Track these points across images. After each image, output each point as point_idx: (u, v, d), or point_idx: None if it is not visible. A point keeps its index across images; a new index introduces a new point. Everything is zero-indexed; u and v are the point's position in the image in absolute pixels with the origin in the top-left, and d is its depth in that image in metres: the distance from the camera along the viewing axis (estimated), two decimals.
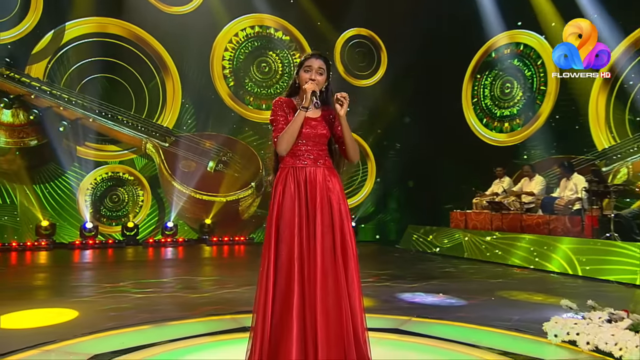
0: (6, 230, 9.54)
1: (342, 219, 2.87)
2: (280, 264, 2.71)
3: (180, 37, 10.84)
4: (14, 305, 4.52)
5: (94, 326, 3.81)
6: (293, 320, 2.62)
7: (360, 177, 12.27)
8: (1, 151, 9.74)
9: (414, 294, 5.38)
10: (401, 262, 8.22)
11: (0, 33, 9.70)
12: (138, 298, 5.02)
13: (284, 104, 2.87)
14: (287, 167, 2.82)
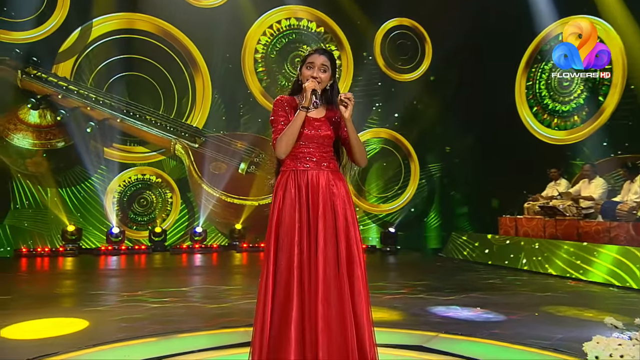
0: (32, 235, 9.96)
1: (348, 225, 2.86)
2: (279, 275, 2.73)
3: (210, 32, 11.04)
4: (24, 315, 4.71)
5: (100, 337, 3.93)
6: (291, 335, 2.64)
7: (402, 180, 12.16)
8: (28, 153, 10.17)
9: (448, 308, 5.29)
10: (442, 272, 8.10)
11: (27, 31, 10.12)
12: (153, 308, 5.14)
13: (285, 103, 2.89)
14: (288, 170, 2.83)
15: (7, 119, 10.09)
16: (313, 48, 2.92)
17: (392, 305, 5.36)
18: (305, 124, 2.80)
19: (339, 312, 2.70)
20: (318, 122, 2.83)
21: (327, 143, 2.86)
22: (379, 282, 6.91)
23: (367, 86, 11.97)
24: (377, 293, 6.06)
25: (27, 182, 10.11)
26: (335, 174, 2.88)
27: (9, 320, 4.49)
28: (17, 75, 10.13)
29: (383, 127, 12.12)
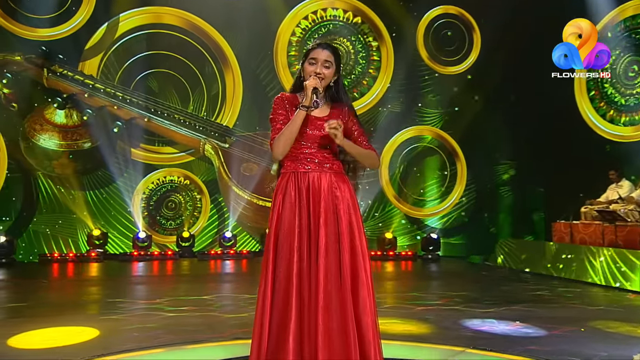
0: (57, 240, 10.33)
1: (352, 231, 2.87)
2: (278, 283, 2.76)
3: (241, 25, 11.20)
4: (36, 323, 4.89)
5: (107, 348, 4.05)
6: (289, 347, 2.66)
7: (447, 182, 12.03)
8: (54, 154, 10.55)
9: (484, 321, 5.22)
10: (485, 282, 8.00)
11: (53, 28, 10.51)
12: (169, 317, 5.26)
13: (285, 101, 2.92)
14: (288, 172, 2.86)
15: (33, 119, 10.50)
16: (316, 42, 2.95)
17: (423, 317, 5.32)
18: (307, 122, 2.82)
19: (341, 325, 2.71)
20: (321, 121, 2.84)
21: (330, 142, 2.88)
22: (412, 293, 6.87)
23: (409, 80, 11.90)
24: (409, 304, 6.02)
25: (53, 184, 10.49)
26: (338, 176, 2.89)
27: (19, 328, 4.68)
28: (43, 73, 10.53)
29: (426, 125, 12.02)
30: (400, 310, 5.75)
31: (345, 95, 3.00)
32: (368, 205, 11.60)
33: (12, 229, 10.02)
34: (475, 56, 12.22)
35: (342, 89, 2.99)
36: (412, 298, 6.47)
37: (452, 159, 12.12)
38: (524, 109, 11.15)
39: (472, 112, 12.01)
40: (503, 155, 11.88)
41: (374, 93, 11.88)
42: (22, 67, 10.46)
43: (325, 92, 2.95)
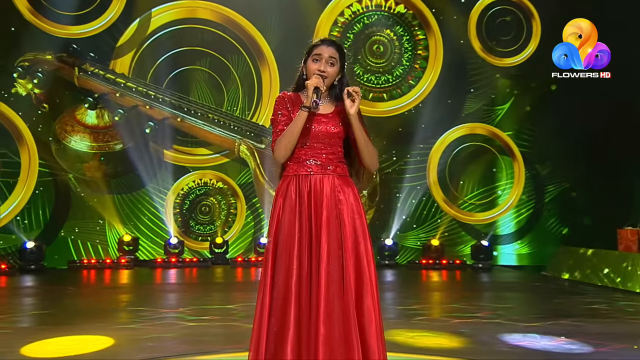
0: (87, 246, 10.74)
1: (357, 237, 2.93)
2: (276, 291, 2.84)
3: (278, 18, 11.39)
4: (53, 331, 5.15)
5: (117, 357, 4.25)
6: (286, 352, 2.75)
7: (503, 184, 11.87)
8: (85, 157, 10.97)
9: (525, 336, 5.19)
10: (537, 294, 7.93)
11: (84, 25, 10.94)
12: (188, 327, 5.44)
13: (287, 101, 3.00)
14: (290, 175, 2.93)
15: (64, 120, 10.96)
16: (320, 38, 3.03)
17: (458, 330, 5.32)
18: (311, 120, 2.90)
19: (343, 334, 2.76)
20: (326, 118, 2.92)
21: (335, 142, 2.94)
22: (452, 304, 6.86)
23: (460, 74, 11.82)
24: (445, 316, 6.04)
25: (83, 188, 10.90)
26: (342, 179, 2.95)
27: (35, 336, 4.93)
28: (74, 72, 10.97)
29: (480, 122, 11.91)
30: (435, 322, 5.76)
31: None
32: (412, 208, 11.56)
33: (41, 235, 10.47)
34: (534, 46, 12.02)
35: (347, 87, 3.06)
36: (450, 310, 6.48)
37: (508, 160, 11.96)
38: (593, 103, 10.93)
39: (532, 107, 11.83)
40: (566, 154, 11.63)
41: (422, 87, 11.84)
42: (53, 67, 10.93)
43: (330, 91, 3.03)
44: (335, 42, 3.01)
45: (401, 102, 11.85)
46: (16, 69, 10.59)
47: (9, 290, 8.11)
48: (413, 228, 11.55)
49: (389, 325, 5.43)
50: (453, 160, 11.81)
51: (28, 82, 10.70)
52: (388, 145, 11.66)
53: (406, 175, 11.67)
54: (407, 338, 5.01)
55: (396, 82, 11.87)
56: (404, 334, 5.16)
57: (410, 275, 9.81)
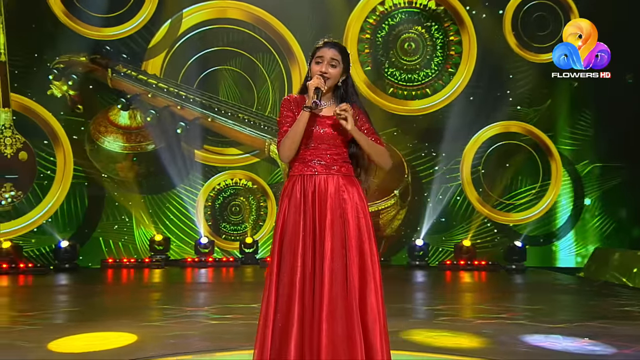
0: (119, 245, 11.09)
1: (361, 235, 3.06)
2: (281, 288, 2.98)
3: (308, 16, 11.55)
4: (79, 328, 5.41)
5: (138, 353, 4.46)
6: (289, 349, 2.88)
7: (540, 184, 11.80)
8: (118, 157, 11.32)
9: (547, 337, 5.24)
10: (570, 296, 7.94)
11: (116, 27, 11.28)
12: (211, 325, 5.65)
13: (292, 103, 3.14)
14: (295, 175, 3.08)
15: (98, 120, 11.32)
16: (323, 41, 3.17)
17: (480, 331, 5.39)
18: (315, 122, 3.04)
19: (346, 331, 2.88)
20: (330, 120, 3.06)
21: (339, 143, 3.07)
22: (478, 305, 6.91)
23: (495, 71, 11.80)
24: (469, 317, 6.10)
25: (117, 187, 11.25)
26: (347, 178, 3.08)
27: (62, 333, 5.20)
28: (107, 74, 11.33)
29: (515, 120, 11.87)
30: (457, 323, 5.84)
31: (355, 95, 3.18)
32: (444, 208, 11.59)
33: (75, 234, 10.85)
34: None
35: (352, 88, 3.18)
36: (475, 310, 6.55)
37: (545, 158, 11.89)
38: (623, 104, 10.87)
39: (571, 104, 11.76)
40: (608, 153, 11.53)
41: (455, 84, 11.86)
42: (86, 68, 11.30)
43: (334, 92, 3.16)
44: (338, 44, 3.13)
45: (434, 99, 11.88)
46: (51, 71, 10.99)
47: (43, 289, 8.45)
48: (444, 228, 11.59)
49: (410, 325, 5.57)
50: (487, 159, 11.80)
51: (63, 83, 11.09)
52: (420, 143, 11.73)
53: (438, 175, 11.71)
54: (426, 338, 5.11)
55: (428, 80, 11.92)
56: (424, 333, 5.26)
57: (440, 277, 9.86)
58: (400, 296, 7.59)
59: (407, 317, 6.15)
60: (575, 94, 11.69)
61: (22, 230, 10.58)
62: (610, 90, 10.89)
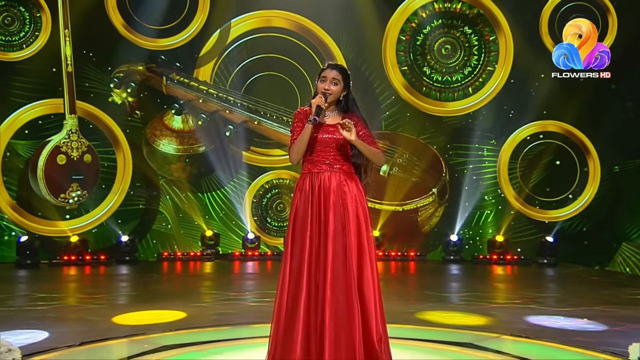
0: (173, 240, 12.10)
1: (359, 221, 3.87)
2: (294, 263, 3.81)
3: (348, 23, 12.31)
4: (138, 307, 6.39)
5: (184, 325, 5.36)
6: (299, 324, 3.68)
7: (577, 183, 12.18)
8: (172, 159, 12.34)
9: (550, 317, 5.89)
10: (587, 286, 8.42)
11: (170, 37, 12.30)
12: (250, 306, 6.54)
13: (302, 115, 3.96)
14: (305, 173, 3.91)
15: (153, 125, 12.36)
16: (327, 63, 3.98)
17: (489, 312, 6.10)
18: (321, 130, 3.86)
19: (345, 297, 3.69)
20: (333, 128, 3.87)
21: (341, 146, 3.88)
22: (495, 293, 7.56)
23: (530, 74, 12.25)
24: (484, 302, 6.77)
25: (171, 187, 12.27)
26: (347, 175, 3.89)
27: (123, 310, 6.20)
28: (162, 81, 12.36)
29: (552, 120, 12.30)
30: (471, 306, 6.54)
31: (355, 107, 3.99)
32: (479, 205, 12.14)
33: (135, 230, 11.92)
34: (611, 41, 12.27)
35: (352, 102, 3.98)
36: (491, 297, 7.20)
37: (583, 157, 12.28)
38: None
39: (611, 103, 12.06)
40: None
41: (492, 86, 12.39)
42: (143, 76, 12.34)
43: (337, 105, 3.96)
44: (339, 66, 3.93)
45: (471, 100, 12.44)
46: (112, 80, 12.07)
47: (107, 277, 9.52)
48: (479, 224, 12.16)
49: (427, 308, 6.31)
50: (524, 158, 12.28)
51: (123, 91, 12.16)
52: (457, 143, 12.31)
53: (475, 173, 12.28)
54: (437, 317, 5.84)
55: (466, 82, 12.51)
56: (437, 314, 6.00)
57: (472, 270, 10.42)
58: (426, 287, 8.31)
59: (426, 302, 6.87)
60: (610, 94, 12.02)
61: (87, 226, 11.65)
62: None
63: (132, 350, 4.38)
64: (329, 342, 3.59)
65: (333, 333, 3.61)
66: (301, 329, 3.68)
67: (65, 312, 6.27)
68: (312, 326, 3.67)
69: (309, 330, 3.67)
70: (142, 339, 4.79)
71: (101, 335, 4.95)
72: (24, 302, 7.02)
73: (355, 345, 3.63)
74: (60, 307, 6.55)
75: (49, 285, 8.36)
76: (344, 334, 3.64)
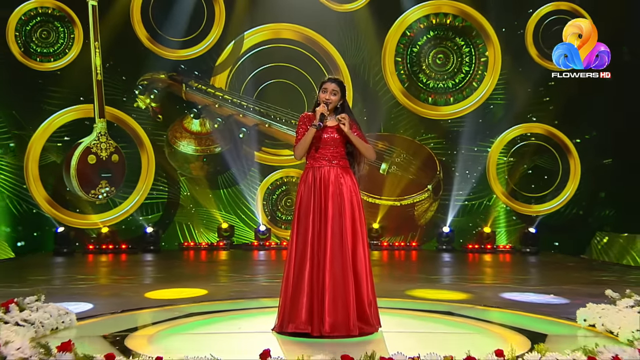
0: (193, 231, 12.74)
1: (353, 208, 4.47)
2: (299, 242, 4.43)
3: (350, 35, 12.91)
4: (165, 285, 7.03)
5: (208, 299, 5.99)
6: (304, 291, 4.29)
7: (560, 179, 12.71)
8: (191, 158, 12.98)
9: (523, 294, 6.47)
10: (563, 271, 8.98)
11: (189, 48, 12.93)
12: (262, 286, 7.19)
13: (305, 118, 4.58)
14: (309, 167, 4.52)
15: (174, 128, 12.99)
16: (327, 77, 4.59)
17: (469, 290, 6.69)
18: (323, 131, 4.47)
19: (341, 270, 4.30)
20: (331, 129, 4.49)
21: (338, 144, 4.48)
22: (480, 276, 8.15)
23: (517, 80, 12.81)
24: (469, 283, 7.37)
25: (190, 184, 12.91)
26: (343, 169, 4.49)
27: (151, 288, 6.83)
28: (182, 88, 13.00)
29: (537, 122, 12.86)
30: (455, 285, 7.15)
31: (350, 112, 4.59)
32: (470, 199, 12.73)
33: (158, 222, 12.57)
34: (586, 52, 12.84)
35: (347, 108, 4.59)
36: (474, 279, 7.80)
37: (564, 156, 12.83)
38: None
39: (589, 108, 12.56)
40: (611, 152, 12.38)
41: (482, 91, 12.95)
42: (165, 84, 12.97)
43: (334, 111, 4.57)
44: (337, 79, 4.54)
45: (464, 104, 13.00)
46: (137, 87, 12.72)
47: (134, 263, 10.14)
48: (469, 217, 12.75)
49: (416, 287, 6.89)
50: (511, 156, 12.87)
51: (146, 97, 12.79)
52: (450, 143, 12.90)
53: (466, 170, 12.85)
54: (424, 294, 6.43)
55: (458, 88, 13.08)
56: (424, 291, 6.58)
57: (461, 257, 10.99)
58: (418, 271, 8.92)
59: (416, 282, 7.47)
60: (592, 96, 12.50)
61: (116, 219, 12.30)
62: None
63: (165, 316, 4.97)
64: (329, 305, 4.20)
65: (332, 298, 4.22)
66: (306, 295, 4.29)
67: (103, 289, 6.92)
68: (315, 292, 4.27)
69: (312, 296, 4.28)
70: (172, 308, 5.42)
71: (137, 305, 5.58)
72: (66, 282, 7.69)
73: (350, 308, 4.24)
74: (98, 285, 7.22)
75: (85, 269, 9.04)
76: (340, 298, 4.24)
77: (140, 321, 4.93)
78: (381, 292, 4.27)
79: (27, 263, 9.81)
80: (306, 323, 4.22)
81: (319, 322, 4.18)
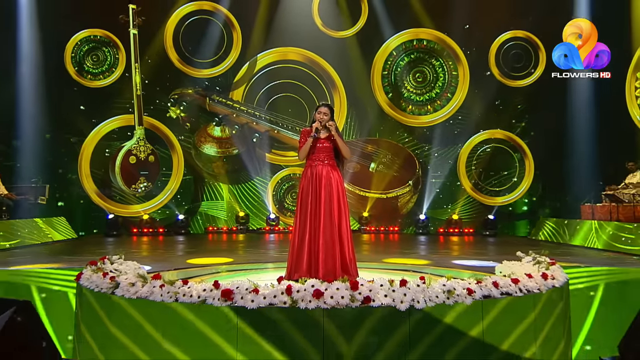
0: (216, 219, 14.10)
1: (339, 194, 5.79)
2: (301, 220, 5.77)
3: (345, 56, 14.26)
4: (197, 256, 8.36)
5: (233, 263, 7.34)
6: (305, 252, 5.62)
7: (517, 176, 14.05)
8: (213, 159, 14.33)
9: (469, 261, 7.78)
10: (511, 247, 10.26)
11: (212, 68, 14.27)
12: (273, 256, 8.49)
13: (305, 132, 5.94)
14: (307, 166, 5.86)
15: (199, 133, 14.35)
16: (321, 103, 5.93)
17: (431, 259, 8.02)
18: (318, 141, 5.82)
19: (331, 240, 5.59)
20: (324, 139, 5.83)
21: (329, 150, 5.81)
22: (445, 250, 9.46)
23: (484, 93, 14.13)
24: (433, 255, 8.69)
25: (213, 180, 14.27)
26: (333, 167, 5.79)
27: (189, 257, 8.16)
28: (206, 101, 14.34)
29: (497, 129, 14.20)
30: (423, 256, 8.46)
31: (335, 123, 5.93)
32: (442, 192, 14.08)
33: (188, 210, 13.94)
34: (541, 70, 14.13)
35: (334, 122, 5.93)
36: (440, 253, 9.12)
37: (520, 157, 14.18)
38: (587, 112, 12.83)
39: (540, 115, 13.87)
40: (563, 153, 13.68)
41: (454, 103, 14.29)
42: (192, 97, 14.33)
43: (325, 126, 5.91)
44: (328, 104, 5.87)
45: (438, 114, 14.35)
46: (170, 100, 14.08)
47: (170, 243, 11.41)
48: (441, 206, 14.10)
49: (392, 256, 8.21)
50: (477, 157, 14.21)
51: (177, 109, 14.15)
52: (427, 145, 14.25)
53: (440, 169, 14.20)
54: (395, 260, 7.75)
55: (433, 100, 14.41)
56: (397, 260, 7.90)
57: (435, 240, 12.27)
58: (396, 248, 10.22)
59: (391, 254, 8.80)
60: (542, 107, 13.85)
61: (153, 208, 13.72)
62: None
63: (206, 271, 6.33)
64: (322, 261, 5.52)
65: (324, 256, 5.53)
66: (306, 254, 5.60)
67: (152, 258, 8.25)
68: (312, 253, 5.58)
69: (310, 255, 5.60)
70: (208, 267, 6.78)
71: (183, 266, 6.94)
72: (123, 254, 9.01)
73: (337, 262, 5.54)
74: (148, 256, 8.55)
75: (133, 247, 10.36)
76: (330, 256, 5.55)
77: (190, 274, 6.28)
78: (362, 261, 5.47)
79: (87, 241, 11.15)
80: (306, 272, 5.53)
81: (315, 271, 5.50)
